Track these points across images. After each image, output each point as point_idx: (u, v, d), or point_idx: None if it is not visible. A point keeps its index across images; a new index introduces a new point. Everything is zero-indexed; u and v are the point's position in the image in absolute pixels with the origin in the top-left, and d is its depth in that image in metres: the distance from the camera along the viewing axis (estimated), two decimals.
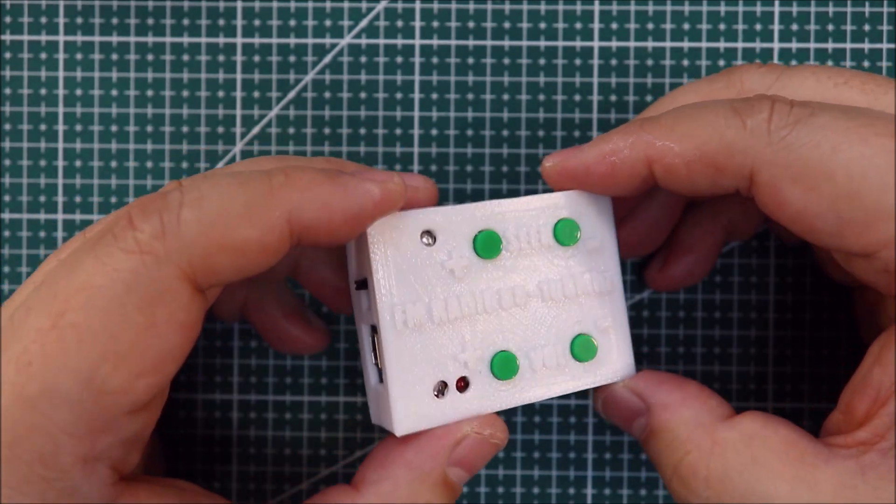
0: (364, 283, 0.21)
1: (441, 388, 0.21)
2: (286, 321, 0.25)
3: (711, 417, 0.20)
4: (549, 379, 0.22)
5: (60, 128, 0.27)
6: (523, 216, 0.22)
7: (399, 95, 0.27)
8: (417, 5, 0.27)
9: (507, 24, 0.27)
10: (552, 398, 0.21)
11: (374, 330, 0.21)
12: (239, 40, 0.27)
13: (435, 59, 0.27)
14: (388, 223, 0.20)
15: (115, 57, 0.27)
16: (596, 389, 0.23)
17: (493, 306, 0.21)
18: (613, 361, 0.22)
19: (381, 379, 0.21)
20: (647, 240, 0.25)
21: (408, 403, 0.20)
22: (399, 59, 0.27)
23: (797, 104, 0.19)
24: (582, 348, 0.22)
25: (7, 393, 0.17)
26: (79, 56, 0.27)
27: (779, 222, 0.20)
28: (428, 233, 0.21)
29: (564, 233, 0.22)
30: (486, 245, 0.21)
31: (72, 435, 0.17)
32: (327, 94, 0.27)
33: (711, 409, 0.21)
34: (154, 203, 0.18)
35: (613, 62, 0.27)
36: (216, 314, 0.25)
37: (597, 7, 0.27)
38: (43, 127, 0.27)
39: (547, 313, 0.22)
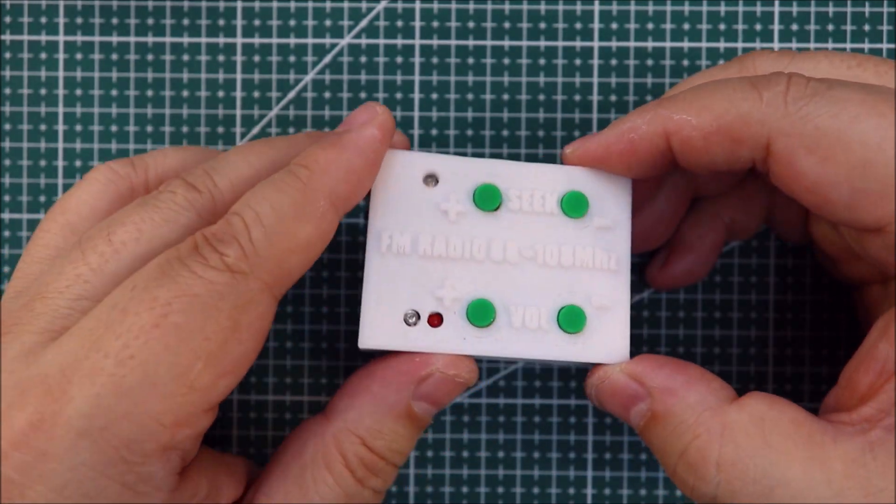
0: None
1: (413, 318, 0.21)
2: None
3: (718, 400, 0.20)
4: (526, 338, 0.21)
5: (60, 128, 0.27)
6: (531, 179, 0.22)
7: (399, 95, 0.27)
8: (417, 5, 0.27)
9: (507, 24, 0.27)
10: (529, 359, 0.21)
11: None
12: (239, 40, 0.27)
13: (435, 59, 0.27)
14: (396, 158, 0.22)
15: (115, 57, 0.27)
16: (587, 375, 0.22)
17: (481, 256, 0.22)
18: (604, 341, 0.22)
19: None
20: (652, 235, 0.25)
21: (376, 320, 0.21)
22: (399, 59, 0.27)
23: (814, 79, 0.20)
24: (569, 318, 0.21)
25: (105, 382, 0.18)
26: (79, 56, 0.27)
27: (793, 195, 0.20)
28: (432, 176, 0.22)
29: (570, 204, 0.22)
30: (485, 196, 0.22)
31: (160, 424, 0.18)
32: (327, 94, 0.27)
33: (716, 391, 0.20)
34: (226, 231, 0.19)
35: (613, 62, 0.27)
36: None
37: (597, 7, 0.27)
38: (43, 127, 0.27)
39: (537, 275, 0.22)
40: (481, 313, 0.21)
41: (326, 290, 0.28)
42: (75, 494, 0.18)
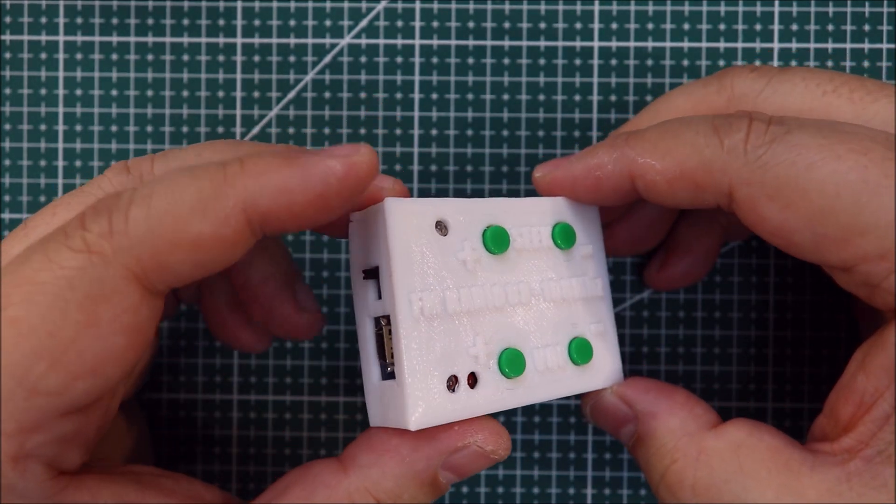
0: (373, 272, 0.20)
1: (453, 383, 0.20)
2: (228, 312, 0.24)
3: (698, 426, 0.21)
4: (551, 379, 0.21)
5: (60, 128, 0.27)
6: (525, 216, 0.22)
7: (399, 95, 0.27)
8: (417, 5, 0.27)
9: (507, 24, 0.27)
10: (554, 400, 0.22)
11: (380, 323, 0.20)
12: (239, 40, 0.27)
13: (435, 59, 0.27)
14: (404, 209, 0.19)
15: (115, 57, 0.27)
16: (582, 395, 0.23)
17: (500, 302, 0.21)
18: (605, 367, 0.22)
19: (384, 375, 0.20)
20: (645, 237, 0.25)
21: (423, 397, 0.19)
22: (399, 59, 0.27)
23: (774, 121, 0.20)
24: (579, 351, 0.22)
25: None
26: (79, 56, 0.27)
27: (760, 236, 0.20)
28: (440, 223, 0.20)
29: (562, 236, 0.22)
30: (496, 239, 0.21)
31: (2, 433, 0.16)
32: (327, 94, 0.27)
33: (697, 417, 0.21)
34: (106, 202, 0.17)
35: (613, 62, 0.27)
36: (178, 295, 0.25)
37: (597, 7, 0.27)
38: (43, 127, 0.27)
39: (548, 313, 0.22)
40: (514, 364, 0.20)
41: (326, 291, 0.27)
42: None
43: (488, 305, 0.21)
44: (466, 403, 0.20)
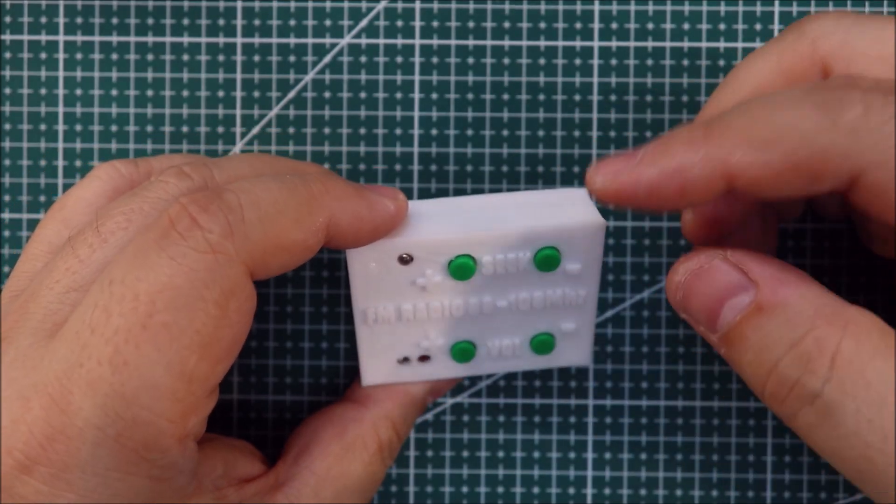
0: None
1: (405, 360, 0.24)
2: None
3: (834, 300, 0.18)
4: (503, 362, 0.25)
5: (60, 128, 0.27)
6: (503, 246, 0.22)
7: (399, 95, 0.27)
8: (417, 5, 0.27)
9: (507, 24, 0.27)
10: (506, 371, 0.25)
11: None
12: (239, 40, 0.27)
13: (435, 59, 0.27)
14: (363, 252, 0.22)
15: (115, 57, 0.27)
16: (673, 268, 0.20)
17: (459, 314, 0.23)
18: (569, 353, 0.25)
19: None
20: (761, 241, 0.23)
21: (374, 366, 0.24)
22: (399, 59, 0.27)
23: (887, 88, 0.17)
24: (541, 344, 0.24)
25: (107, 392, 0.18)
26: (79, 56, 0.27)
27: (880, 219, 0.18)
28: (404, 256, 0.22)
29: (544, 262, 0.22)
30: (460, 270, 0.22)
31: (170, 420, 0.19)
32: (327, 94, 0.27)
33: (829, 294, 0.18)
34: (213, 203, 0.19)
35: (613, 62, 0.27)
36: None
37: (597, 7, 0.27)
38: (43, 127, 0.27)
39: (512, 318, 0.24)
40: (463, 353, 0.24)
41: (326, 291, 0.27)
42: (105, 495, 0.18)
43: (446, 317, 0.23)
44: (415, 370, 0.24)
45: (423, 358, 0.24)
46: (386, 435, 0.24)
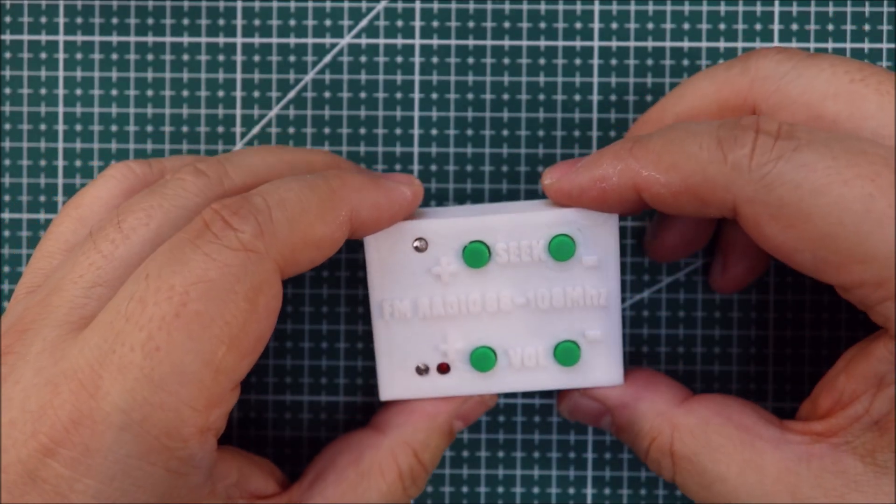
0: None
1: (424, 369, 0.24)
2: None
3: (666, 403, 0.23)
4: (527, 375, 0.23)
5: (60, 128, 0.27)
6: (517, 230, 0.22)
7: (399, 95, 0.27)
8: (417, 5, 0.27)
9: (507, 24, 0.27)
10: (531, 391, 0.25)
11: None
12: (239, 40, 0.27)
13: (435, 59, 0.27)
14: (381, 236, 0.23)
15: (115, 57, 0.27)
16: (558, 401, 0.25)
17: (477, 309, 0.23)
18: (599, 369, 0.23)
19: None
20: (692, 240, 0.26)
21: (392, 376, 0.24)
22: (399, 59, 0.27)
23: (783, 134, 0.19)
24: (565, 354, 0.23)
25: (136, 376, 0.18)
26: (79, 56, 0.27)
27: (764, 249, 0.20)
28: (420, 240, 0.23)
29: (559, 249, 0.22)
30: (474, 256, 0.22)
31: (194, 409, 0.19)
32: (327, 94, 0.27)
33: (663, 394, 0.23)
34: (243, 206, 0.20)
35: (613, 62, 0.27)
36: None
37: (597, 7, 0.27)
38: (43, 127, 0.27)
39: (532, 319, 0.23)
40: (483, 360, 0.23)
41: (326, 290, 0.28)
42: (123, 484, 0.19)
43: (462, 312, 0.23)
44: (435, 385, 0.24)
45: (443, 367, 0.24)
46: (406, 462, 0.23)
